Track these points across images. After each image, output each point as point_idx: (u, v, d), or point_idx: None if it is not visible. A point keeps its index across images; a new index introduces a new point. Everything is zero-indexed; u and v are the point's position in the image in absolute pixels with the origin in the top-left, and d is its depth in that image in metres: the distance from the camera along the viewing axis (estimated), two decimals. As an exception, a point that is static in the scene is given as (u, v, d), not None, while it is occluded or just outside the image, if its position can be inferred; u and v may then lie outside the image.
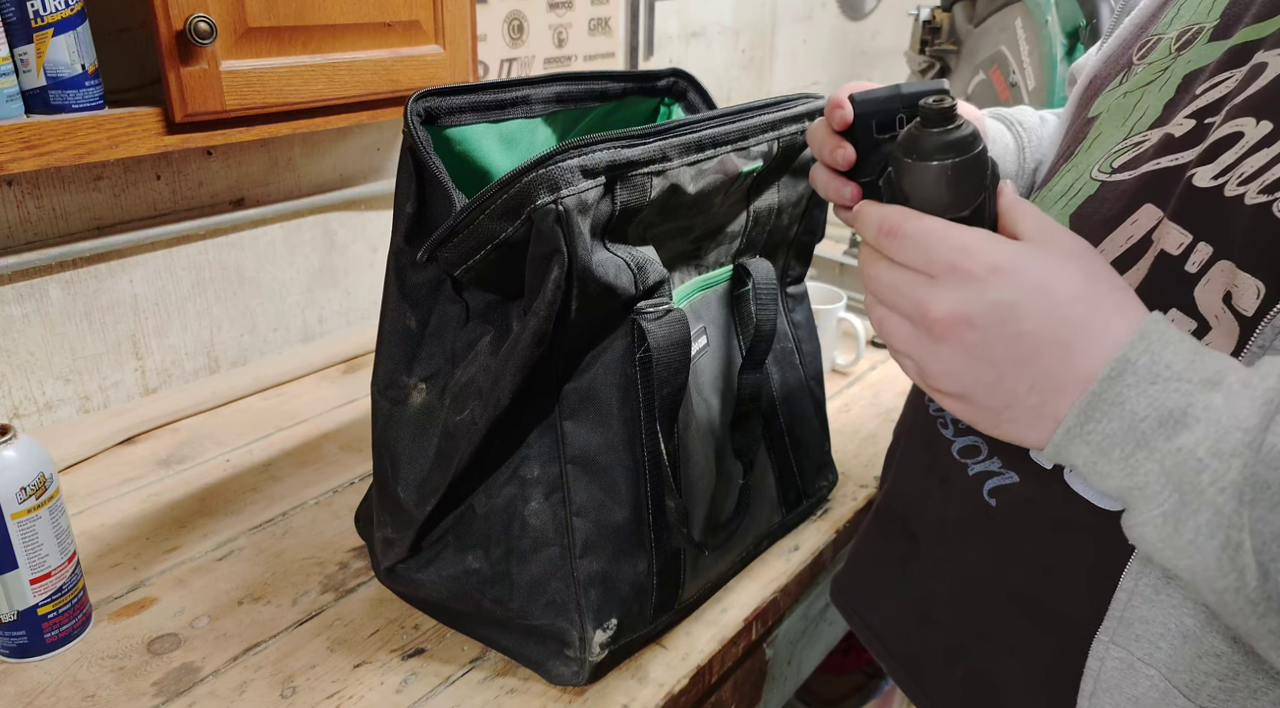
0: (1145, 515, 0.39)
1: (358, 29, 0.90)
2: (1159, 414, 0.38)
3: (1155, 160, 0.48)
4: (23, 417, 0.92)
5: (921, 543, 0.60)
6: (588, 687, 0.64)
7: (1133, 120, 0.51)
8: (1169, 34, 0.52)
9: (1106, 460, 0.39)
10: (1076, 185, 0.52)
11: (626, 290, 0.59)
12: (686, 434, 0.66)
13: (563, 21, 1.35)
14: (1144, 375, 0.38)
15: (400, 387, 0.66)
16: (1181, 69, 0.49)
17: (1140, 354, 0.39)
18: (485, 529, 0.64)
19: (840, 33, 2.02)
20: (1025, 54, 1.23)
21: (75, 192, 0.90)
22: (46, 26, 0.74)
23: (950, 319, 0.41)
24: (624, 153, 0.56)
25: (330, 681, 0.63)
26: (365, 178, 1.16)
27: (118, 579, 0.72)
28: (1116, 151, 0.50)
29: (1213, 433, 0.37)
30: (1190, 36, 0.50)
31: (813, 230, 0.79)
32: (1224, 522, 0.37)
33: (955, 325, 0.41)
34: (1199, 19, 0.50)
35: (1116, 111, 0.53)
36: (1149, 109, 0.50)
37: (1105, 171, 0.50)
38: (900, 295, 0.43)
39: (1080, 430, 0.40)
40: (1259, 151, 0.42)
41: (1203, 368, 0.38)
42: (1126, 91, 0.53)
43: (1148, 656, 0.45)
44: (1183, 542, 0.38)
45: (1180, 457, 0.37)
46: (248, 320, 1.09)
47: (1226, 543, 0.37)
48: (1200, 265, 0.43)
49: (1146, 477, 0.38)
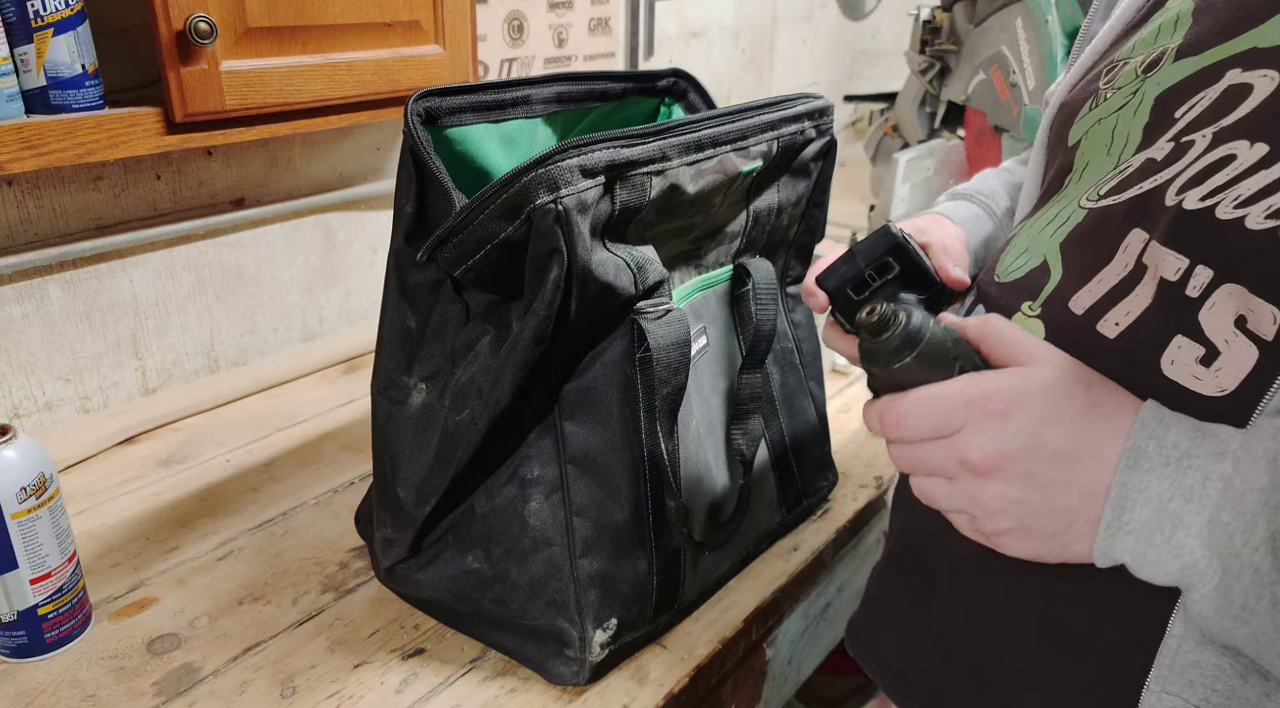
0: (1200, 592, 0.40)
1: (358, 29, 0.90)
2: (1183, 492, 0.40)
3: (1138, 185, 0.48)
4: (23, 417, 0.92)
5: (937, 578, 0.58)
6: (588, 687, 0.64)
7: (1118, 148, 0.51)
8: (1134, 58, 0.52)
9: (1152, 547, 0.41)
10: (1064, 213, 0.52)
11: (626, 290, 0.59)
12: (686, 434, 0.66)
13: (563, 21, 1.35)
14: (1157, 460, 0.41)
15: (400, 387, 0.66)
16: (1152, 90, 0.49)
17: (1147, 441, 0.41)
18: (485, 529, 0.64)
19: (840, 33, 2.02)
20: (1025, 54, 1.23)
21: (75, 192, 0.90)
22: (46, 26, 0.74)
23: (989, 459, 0.43)
24: (623, 152, 0.56)
25: (330, 681, 0.63)
26: (365, 178, 1.16)
27: (118, 579, 0.72)
28: (1104, 179, 0.50)
29: (1232, 499, 0.39)
30: (1156, 57, 0.50)
31: (813, 230, 0.79)
32: (1265, 580, 0.38)
33: (996, 462, 0.43)
34: (1164, 41, 0.50)
35: (1097, 138, 0.53)
36: (1130, 134, 0.50)
37: (1092, 199, 0.51)
38: (934, 461, 0.45)
39: (1119, 523, 0.41)
40: (1256, 174, 0.42)
41: (1206, 443, 0.40)
42: (1100, 118, 0.53)
43: (1204, 701, 0.44)
44: (1235, 610, 0.39)
45: (1213, 528, 0.39)
46: (248, 320, 1.09)
47: (1275, 602, 0.38)
48: (1202, 289, 0.43)
49: (1192, 555, 0.40)
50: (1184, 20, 0.50)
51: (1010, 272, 0.54)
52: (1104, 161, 0.51)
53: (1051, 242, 0.52)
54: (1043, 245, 0.52)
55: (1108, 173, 0.50)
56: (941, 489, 0.46)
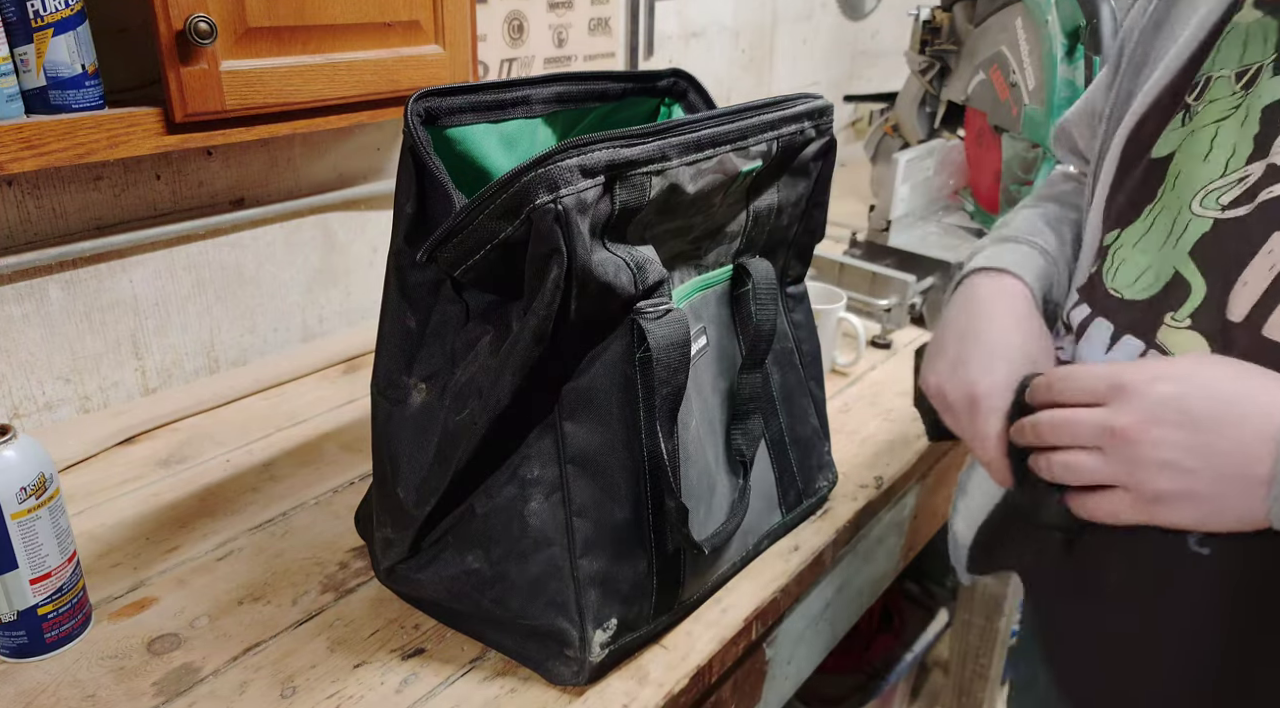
0: None
1: (358, 29, 0.90)
2: None
3: (1268, 189, 0.50)
4: (23, 417, 0.92)
5: None
6: (588, 687, 0.64)
7: (1222, 156, 0.52)
8: (1224, 73, 0.54)
9: None
10: (1179, 224, 0.53)
11: (626, 290, 0.59)
12: (686, 434, 0.66)
13: (563, 21, 1.35)
14: None
15: (400, 387, 0.66)
16: (1258, 103, 0.51)
17: None
18: (485, 529, 0.64)
19: (840, 33, 2.03)
20: (1025, 54, 1.23)
21: (75, 192, 0.90)
22: (46, 26, 0.74)
23: (1138, 423, 0.46)
24: (623, 152, 0.56)
25: (330, 681, 0.63)
26: (365, 178, 1.16)
27: (118, 579, 0.73)
28: (1217, 189, 0.52)
29: None
30: (1254, 74, 0.52)
31: (813, 230, 0.79)
32: None
33: (1145, 426, 0.46)
34: (1255, 57, 0.52)
35: (1192, 148, 0.54)
36: (1237, 145, 0.52)
37: (1213, 208, 0.52)
38: (1079, 426, 0.48)
39: None
40: None
41: None
42: (1193, 130, 0.54)
43: None
44: None
45: None
46: (248, 320, 1.09)
47: None
48: None
49: None
50: (1271, 34, 0.52)
51: (1136, 287, 0.55)
52: (1203, 169, 0.53)
53: (1177, 253, 0.53)
54: (1168, 258, 0.54)
55: (1214, 181, 0.52)
56: (1094, 462, 0.48)
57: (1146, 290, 0.54)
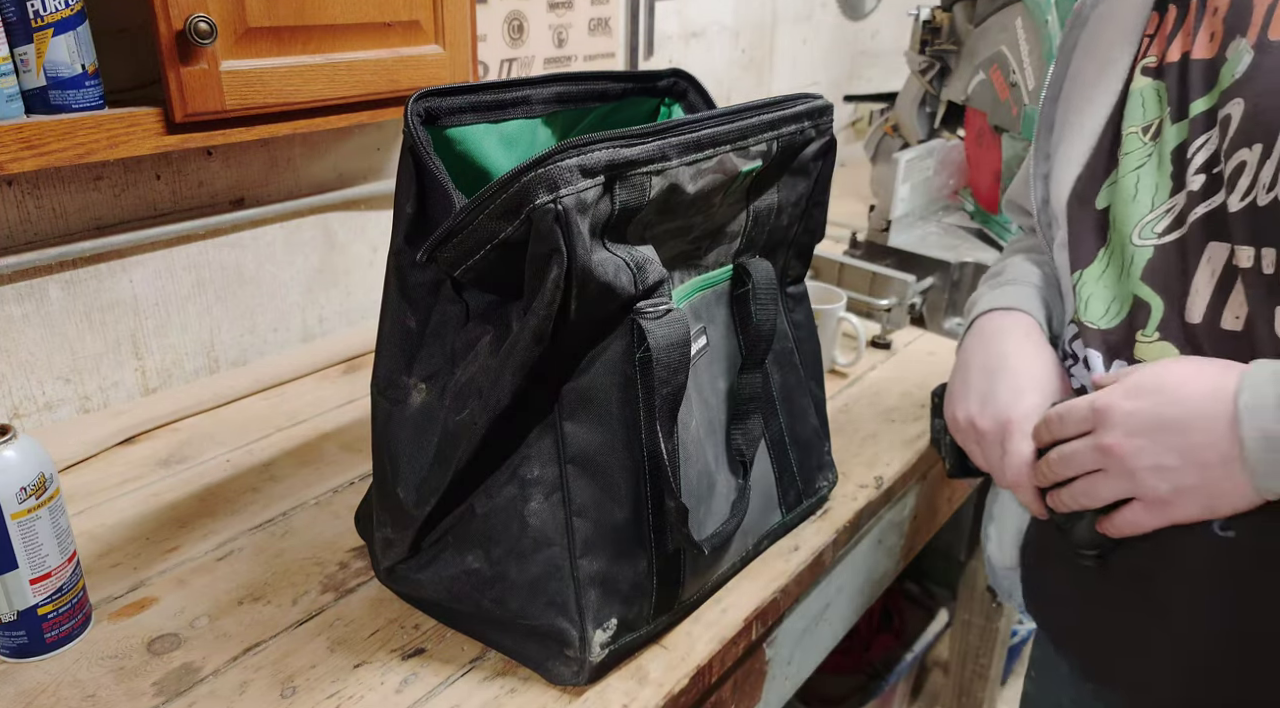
0: None
1: (358, 29, 0.90)
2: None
3: (1193, 211, 0.58)
4: (23, 417, 0.92)
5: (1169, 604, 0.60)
6: (588, 687, 0.64)
7: (1147, 196, 0.61)
8: (1133, 129, 0.64)
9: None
10: (1127, 257, 0.62)
11: (626, 290, 0.59)
12: (686, 434, 0.66)
13: (563, 21, 1.35)
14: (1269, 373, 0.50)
15: (400, 387, 0.66)
16: (1165, 148, 0.61)
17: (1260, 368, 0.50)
18: (485, 529, 0.64)
19: (840, 33, 2.03)
20: (1025, 54, 1.23)
21: (75, 191, 0.90)
22: (46, 26, 0.74)
23: (1122, 437, 0.54)
24: (623, 152, 0.56)
25: (330, 681, 0.63)
26: (365, 178, 1.16)
27: (118, 579, 0.73)
28: (1149, 222, 0.61)
29: None
30: (1157, 126, 0.62)
31: (813, 230, 0.79)
32: None
33: (1128, 438, 0.53)
34: (1155, 114, 0.63)
35: (1121, 195, 0.63)
36: (1158, 184, 0.61)
37: (1151, 238, 0.60)
38: (1079, 455, 0.56)
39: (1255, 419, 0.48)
40: (1265, 165, 0.53)
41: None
42: (1116, 180, 0.64)
43: None
44: None
45: None
46: (248, 320, 1.09)
47: None
48: (1274, 266, 0.53)
49: None
50: (1163, 93, 0.62)
51: (1108, 317, 0.63)
52: (1133, 209, 0.62)
53: (1132, 281, 0.61)
54: (1126, 287, 0.62)
55: (1143, 217, 0.61)
56: (1097, 482, 0.56)
57: (1116, 318, 0.62)
